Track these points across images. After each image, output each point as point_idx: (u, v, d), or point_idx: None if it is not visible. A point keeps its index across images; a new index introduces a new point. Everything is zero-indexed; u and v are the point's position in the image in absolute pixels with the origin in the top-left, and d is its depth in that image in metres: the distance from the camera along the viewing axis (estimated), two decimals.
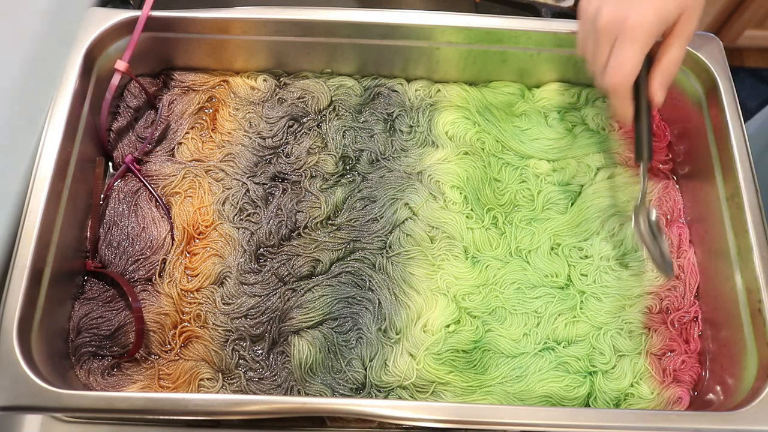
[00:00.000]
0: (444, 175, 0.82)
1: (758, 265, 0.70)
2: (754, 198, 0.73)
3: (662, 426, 0.63)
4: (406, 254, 0.78)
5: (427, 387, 0.72)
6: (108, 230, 0.78)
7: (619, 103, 0.69)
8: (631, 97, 0.68)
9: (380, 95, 0.87)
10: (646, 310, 0.77)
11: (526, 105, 0.88)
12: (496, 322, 0.76)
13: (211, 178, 0.81)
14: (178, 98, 0.86)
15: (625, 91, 0.67)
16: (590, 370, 0.74)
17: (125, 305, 0.74)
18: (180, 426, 0.72)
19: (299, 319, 0.74)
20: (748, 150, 0.75)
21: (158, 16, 0.79)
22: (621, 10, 0.64)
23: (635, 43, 0.64)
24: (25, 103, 0.77)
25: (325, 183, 0.81)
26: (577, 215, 0.81)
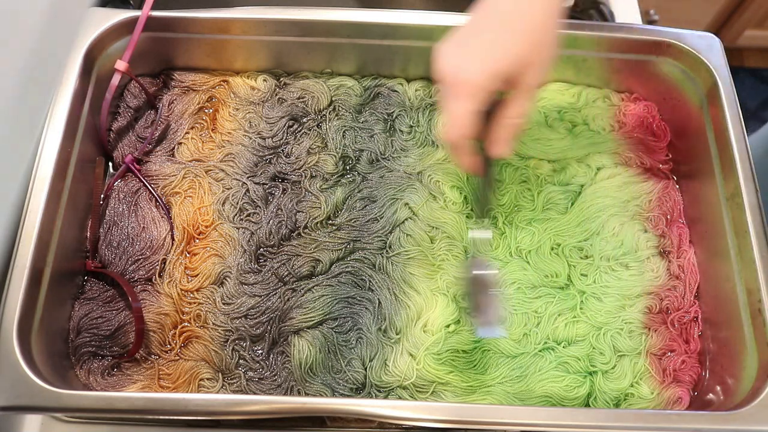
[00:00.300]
0: (444, 175, 0.82)
1: (758, 265, 0.70)
2: (754, 198, 0.73)
3: (662, 426, 0.63)
4: (406, 254, 0.78)
5: (427, 387, 0.72)
6: (108, 230, 0.78)
7: (456, 157, 0.66)
8: (467, 151, 0.65)
9: (380, 95, 0.87)
10: (646, 310, 0.77)
11: None
12: None
13: (211, 178, 0.81)
14: (178, 98, 0.86)
15: (457, 146, 0.64)
16: (590, 370, 0.74)
17: (125, 305, 0.74)
18: (180, 426, 0.72)
19: (299, 319, 0.74)
20: (748, 150, 0.75)
21: (158, 16, 0.79)
22: (454, 64, 0.61)
23: (462, 99, 0.60)
24: (25, 103, 0.77)
25: (325, 183, 0.81)
26: (577, 215, 0.81)
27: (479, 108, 0.61)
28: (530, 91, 0.62)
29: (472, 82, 0.60)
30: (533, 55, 0.61)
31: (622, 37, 0.82)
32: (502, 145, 0.64)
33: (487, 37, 0.60)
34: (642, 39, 0.82)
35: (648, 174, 0.84)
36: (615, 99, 0.88)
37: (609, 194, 0.82)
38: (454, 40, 0.62)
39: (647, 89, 0.87)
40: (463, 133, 0.62)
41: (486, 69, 0.60)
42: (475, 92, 0.60)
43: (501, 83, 0.60)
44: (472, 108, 0.60)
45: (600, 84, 0.89)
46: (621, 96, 0.89)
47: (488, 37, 0.60)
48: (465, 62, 0.60)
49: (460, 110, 0.61)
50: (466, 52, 0.61)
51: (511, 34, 0.60)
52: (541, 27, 0.62)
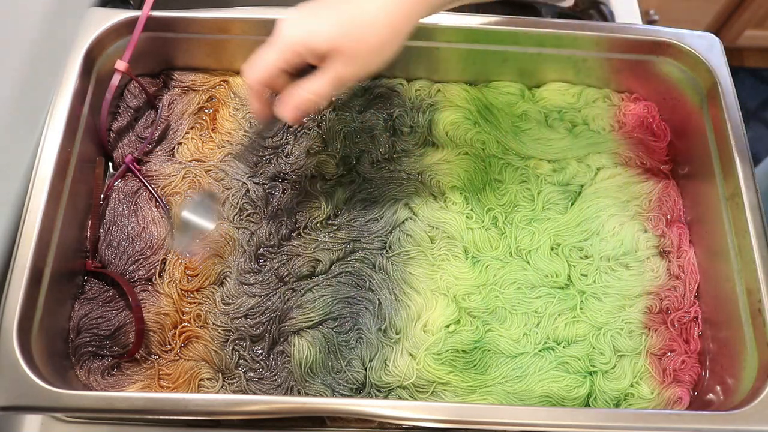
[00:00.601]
0: (444, 176, 0.82)
1: (758, 265, 0.70)
2: (754, 198, 0.73)
3: (662, 426, 0.63)
4: (406, 254, 0.78)
5: (427, 387, 0.72)
6: (108, 230, 0.78)
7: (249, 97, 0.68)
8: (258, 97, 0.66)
9: (380, 95, 0.87)
10: (646, 310, 0.77)
11: (526, 105, 0.88)
12: (496, 322, 0.76)
13: (211, 178, 0.81)
14: (178, 98, 0.86)
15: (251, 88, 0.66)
16: (590, 370, 0.74)
17: (125, 305, 0.74)
18: (180, 426, 0.72)
19: (299, 319, 0.74)
20: (747, 150, 0.75)
21: (158, 16, 0.79)
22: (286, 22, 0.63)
23: (271, 49, 0.63)
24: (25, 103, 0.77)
25: (325, 183, 0.81)
26: (577, 215, 0.81)
27: (282, 65, 0.63)
28: (333, 76, 0.63)
29: (284, 39, 0.62)
30: (345, 46, 0.62)
31: (622, 37, 0.82)
32: (286, 110, 0.65)
33: (317, 11, 0.63)
34: (642, 39, 0.82)
35: (648, 174, 0.84)
36: (615, 99, 0.88)
37: (609, 194, 0.82)
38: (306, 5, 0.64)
39: (647, 89, 0.87)
40: (256, 77, 0.64)
41: (298, 34, 0.62)
42: (283, 49, 0.62)
43: (312, 57, 0.62)
44: (273, 59, 0.63)
45: (600, 84, 0.89)
46: (621, 96, 0.89)
47: (319, 11, 0.63)
48: (290, 23, 0.63)
49: (264, 56, 0.64)
50: (298, 16, 0.63)
51: (335, 17, 0.62)
52: (368, 23, 0.62)
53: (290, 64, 0.63)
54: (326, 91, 0.64)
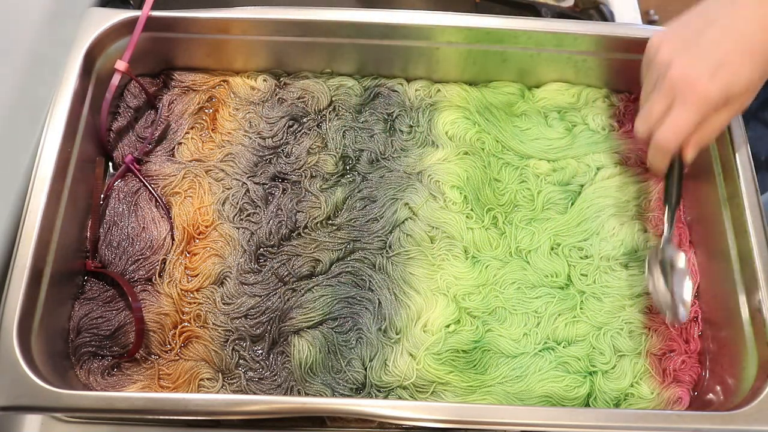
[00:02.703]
0: (444, 175, 0.82)
1: (758, 265, 0.70)
2: (754, 198, 0.73)
3: (662, 426, 0.63)
4: (406, 254, 0.78)
5: (427, 387, 0.72)
6: (108, 230, 0.78)
7: (660, 158, 0.70)
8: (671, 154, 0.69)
9: (380, 95, 0.87)
10: (646, 310, 0.77)
11: (526, 105, 0.88)
12: (496, 322, 0.76)
13: (211, 178, 0.81)
14: (178, 98, 0.86)
15: (669, 150, 0.68)
16: (590, 370, 0.74)
17: (125, 305, 0.74)
18: (180, 426, 0.72)
19: (299, 319, 0.74)
20: (747, 150, 0.75)
21: (158, 16, 0.79)
22: (692, 70, 0.64)
23: (695, 111, 0.64)
24: (25, 103, 0.77)
25: (325, 183, 0.81)
26: (577, 215, 0.81)
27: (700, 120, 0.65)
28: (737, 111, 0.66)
29: (710, 98, 0.63)
30: (758, 83, 0.64)
31: (622, 37, 0.82)
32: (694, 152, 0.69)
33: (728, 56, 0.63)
34: (642, 39, 0.82)
35: (648, 174, 0.84)
36: (615, 99, 0.88)
37: (609, 194, 0.82)
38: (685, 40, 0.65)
39: None
40: (680, 140, 0.66)
41: (723, 88, 0.63)
42: (707, 106, 0.64)
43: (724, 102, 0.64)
44: (698, 119, 0.64)
45: (600, 84, 0.89)
46: (621, 96, 0.89)
47: (729, 56, 0.63)
48: (705, 75, 0.63)
49: (687, 118, 0.65)
50: (702, 62, 0.64)
51: (750, 59, 0.63)
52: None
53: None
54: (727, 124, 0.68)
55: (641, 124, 0.71)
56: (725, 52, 0.64)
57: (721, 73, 0.63)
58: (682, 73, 0.65)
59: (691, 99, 0.64)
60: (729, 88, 0.64)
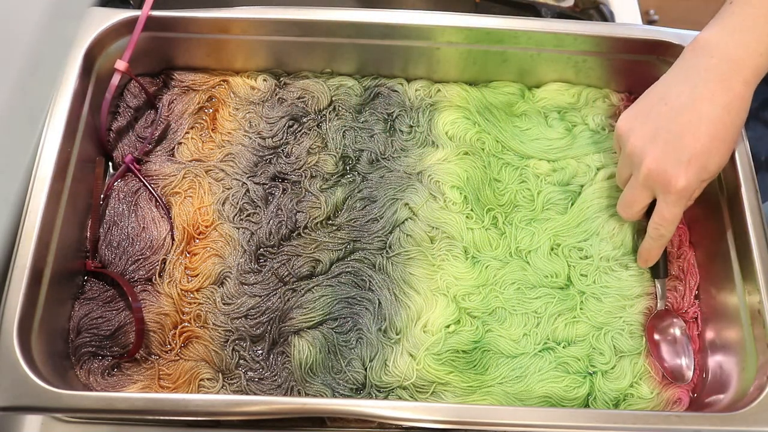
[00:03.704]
0: (444, 175, 0.82)
1: (758, 265, 0.70)
2: (754, 198, 0.73)
3: (662, 427, 0.63)
4: (406, 254, 0.78)
5: (427, 387, 0.72)
6: (108, 230, 0.78)
7: (658, 251, 0.74)
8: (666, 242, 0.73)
9: (380, 95, 0.87)
10: (646, 311, 0.77)
11: (526, 105, 0.88)
12: (496, 323, 0.76)
13: (211, 178, 0.81)
14: (178, 98, 0.86)
15: (666, 241, 0.72)
16: (590, 370, 0.74)
17: (125, 305, 0.74)
18: (180, 426, 0.72)
19: (299, 319, 0.74)
20: (747, 150, 0.75)
21: (158, 16, 0.79)
22: (666, 165, 0.66)
23: (678, 204, 0.67)
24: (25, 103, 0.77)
25: (325, 183, 0.81)
26: (577, 215, 0.81)
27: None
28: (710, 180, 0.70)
29: (690, 189, 0.67)
30: (727, 160, 0.68)
31: (622, 37, 0.82)
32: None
33: (698, 146, 0.65)
34: (642, 39, 0.82)
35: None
36: (615, 99, 0.88)
37: (609, 194, 0.82)
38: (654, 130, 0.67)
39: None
40: (672, 230, 0.70)
41: (698, 176, 0.66)
42: (687, 195, 0.67)
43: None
44: (682, 209, 0.68)
45: (600, 84, 0.89)
46: (621, 96, 0.89)
47: (699, 146, 0.65)
48: (676, 167, 0.66)
49: (677, 212, 0.68)
50: (674, 155, 0.66)
51: (720, 144, 0.66)
52: (736, 137, 0.68)
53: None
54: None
55: (625, 211, 0.74)
56: (695, 142, 0.65)
57: (694, 163, 0.66)
58: (656, 168, 0.67)
59: (672, 196, 0.67)
60: (703, 174, 0.67)
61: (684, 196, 0.67)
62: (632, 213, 0.73)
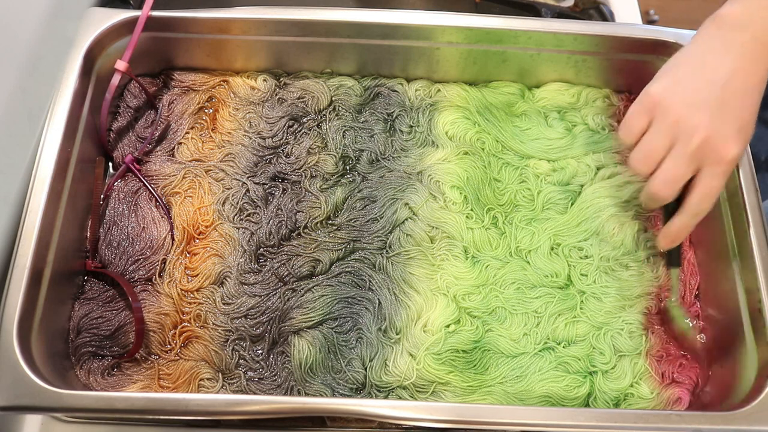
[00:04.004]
0: (444, 175, 0.82)
1: (758, 265, 0.70)
2: (754, 198, 0.73)
3: (662, 426, 0.63)
4: (406, 254, 0.78)
5: (427, 387, 0.72)
6: (108, 230, 0.78)
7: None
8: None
9: (380, 95, 0.87)
10: (646, 311, 0.77)
11: (526, 105, 0.88)
12: (496, 322, 0.76)
13: (211, 178, 0.81)
14: (178, 98, 0.86)
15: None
16: (590, 370, 0.74)
17: (125, 305, 0.74)
18: (180, 426, 0.72)
19: (299, 319, 0.74)
20: (747, 150, 0.75)
21: (158, 16, 0.79)
22: (719, 135, 0.64)
23: (725, 176, 0.66)
24: (25, 103, 0.77)
25: (325, 183, 0.81)
26: (577, 215, 0.81)
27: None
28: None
29: (736, 160, 0.65)
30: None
31: (622, 37, 0.82)
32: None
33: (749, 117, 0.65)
34: (642, 39, 0.82)
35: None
36: (615, 99, 0.88)
37: (609, 194, 0.82)
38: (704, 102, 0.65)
39: None
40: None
41: (744, 146, 0.66)
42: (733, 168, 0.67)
43: None
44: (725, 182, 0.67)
45: (600, 84, 0.89)
46: (621, 96, 0.89)
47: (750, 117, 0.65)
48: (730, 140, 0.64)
49: (720, 186, 0.67)
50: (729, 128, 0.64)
51: (755, 116, 0.65)
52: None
53: None
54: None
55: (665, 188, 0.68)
56: (744, 111, 0.65)
57: (743, 133, 0.65)
58: (713, 136, 0.64)
59: (722, 167, 0.65)
60: (746, 144, 0.67)
61: (731, 168, 0.65)
62: (673, 191, 0.67)
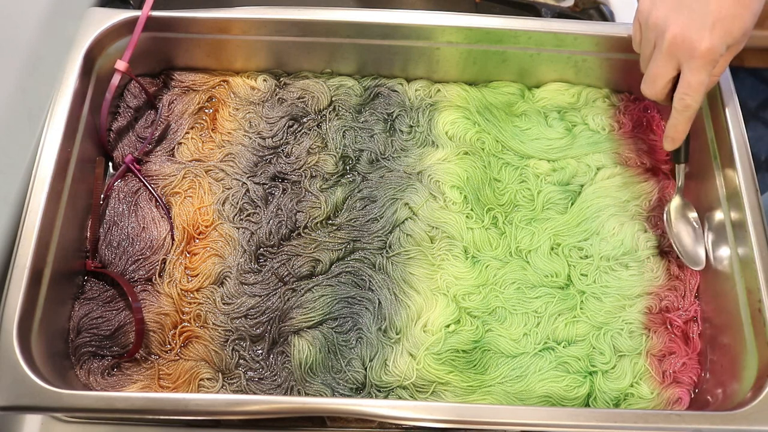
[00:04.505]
0: (444, 175, 0.82)
1: (758, 265, 0.70)
2: (754, 198, 0.73)
3: (662, 426, 0.63)
4: (406, 254, 0.78)
5: (427, 387, 0.72)
6: (108, 230, 0.78)
7: (687, 122, 0.72)
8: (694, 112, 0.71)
9: (380, 95, 0.87)
10: (646, 311, 0.77)
11: (526, 105, 0.88)
12: (496, 322, 0.76)
13: (211, 178, 0.81)
14: (178, 98, 0.86)
15: (694, 110, 0.70)
16: (590, 370, 0.74)
17: (125, 305, 0.74)
18: (180, 426, 0.72)
19: (299, 319, 0.74)
20: (747, 150, 0.75)
21: (158, 16, 0.79)
22: (691, 31, 0.66)
23: (704, 70, 0.67)
24: (25, 103, 0.77)
25: (325, 183, 0.81)
26: (577, 215, 0.81)
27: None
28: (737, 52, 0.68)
29: (716, 52, 0.65)
30: (752, 27, 0.67)
31: (622, 37, 0.82)
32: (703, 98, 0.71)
33: (721, 11, 0.65)
34: None
35: (648, 174, 0.84)
36: (615, 99, 0.88)
37: (609, 194, 0.82)
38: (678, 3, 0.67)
39: None
40: (700, 99, 0.68)
41: (723, 40, 0.65)
42: (716, 60, 0.66)
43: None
44: (707, 76, 0.67)
45: (600, 84, 0.89)
46: (621, 96, 0.89)
47: (723, 10, 0.65)
48: (705, 33, 0.65)
49: (704, 78, 0.67)
50: (699, 20, 0.65)
51: (742, 8, 0.65)
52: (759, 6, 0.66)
53: None
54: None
55: (648, 88, 0.72)
56: (720, 7, 0.65)
57: (719, 27, 0.65)
58: (681, 34, 0.66)
59: (697, 60, 0.66)
60: (728, 38, 0.66)
61: (709, 60, 0.66)
62: (656, 90, 0.71)
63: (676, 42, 0.67)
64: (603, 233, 0.80)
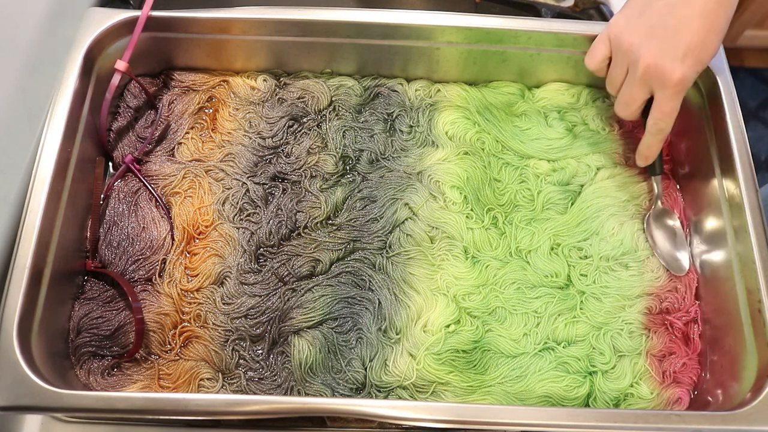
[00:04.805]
0: (444, 175, 0.82)
1: (758, 265, 0.70)
2: (754, 198, 0.73)
3: (662, 426, 0.63)
4: (406, 254, 0.78)
5: (427, 387, 0.72)
6: (108, 230, 0.78)
7: (660, 143, 0.75)
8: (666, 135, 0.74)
9: (380, 95, 0.87)
10: (646, 311, 0.77)
11: (526, 105, 0.88)
12: (496, 322, 0.76)
13: (211, 178, 0.81)
14: (178, 98, 0.86)
15: (666, 134, 0.73)
16: (590, 370, 0.74)
17: (125, 305, 0.74)
18: (180, 426, 0.72)
19: (299, 319, 0.74)
20: (747, 150, 0.75)
21: (158, 16, 0.79)
22: (664, 61, 0.68)
23: (676, 97, 0.69)
24: (25, 103, 0.77)
25: (325, 183, 0.81)
26: (577, 215, 0.81)
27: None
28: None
29: (688, 81, 0.68)
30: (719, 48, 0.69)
31: None
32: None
33: (693, 39, 0.67)
34: None
35: (648, 174, 0.84)
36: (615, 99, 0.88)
37: (608, 194, 0.82)
38: (649, 27, 0.69)
39: None
40: (672, 123, 0.71)
41: (694, 68, 0.68)
42: (684, 89, 0.69)
43: None
44: (679, 102, 0.70)
45: (600, 84, 0.88)
46: None
47: (695, 38, 0.67)
48: (673, 61, 0.67)
49: (671, 106, 0.70)
50: (671, 49, 0.67)
51: (713, 35, 0.67)
52: (727, 26, 0.69)
53: None
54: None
55: (623, 110, 0.76)
56: (690, 35, 0.67)
57: (690, 56, 0.67)
58: (654, 64, 0.68)
59: (670, 90, 0.69)
60: (698, 66, 0.68)
61: (681, 89, 0.68)
62: (630, 111, 0.74)
63: (650, 72, 0.69)
64: (603, 233, 0.80)
